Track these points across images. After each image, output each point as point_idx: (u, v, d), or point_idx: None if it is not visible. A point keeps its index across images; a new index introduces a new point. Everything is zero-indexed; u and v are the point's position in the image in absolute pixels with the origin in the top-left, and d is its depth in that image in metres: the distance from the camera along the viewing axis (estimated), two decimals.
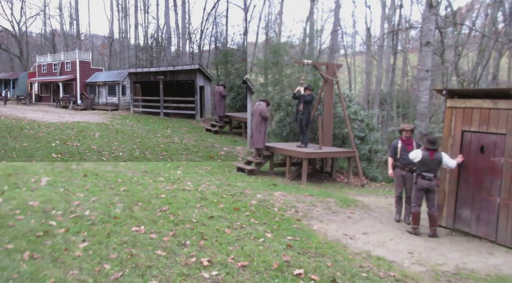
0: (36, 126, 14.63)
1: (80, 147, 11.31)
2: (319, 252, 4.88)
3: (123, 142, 12.29)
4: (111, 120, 17.14)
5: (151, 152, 11.57)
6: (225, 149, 12.76)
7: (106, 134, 13.57)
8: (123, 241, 4.67)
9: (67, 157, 10.45)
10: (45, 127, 14.47)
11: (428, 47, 12.39)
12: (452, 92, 6.67)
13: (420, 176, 6.18)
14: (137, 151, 11.47)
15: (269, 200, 7.41)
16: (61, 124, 15.32)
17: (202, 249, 4.62)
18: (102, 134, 13.37)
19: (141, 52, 25.76)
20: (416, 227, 6.21)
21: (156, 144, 12.33)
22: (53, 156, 10.39)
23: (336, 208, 7.42)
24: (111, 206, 6.08)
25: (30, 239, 4.52)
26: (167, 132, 14.74)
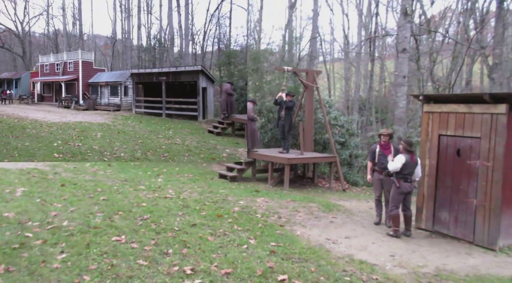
0: (38, 125, 14.57)
1: (82, 147, 11.24)
2: (302, 257, 4.88)
3: (124, 143, 12.21)
4: (113, 121, 17.03)
5: (153, 153, 11.45)
6: (228, 151, 12.68)
7: (108, 134, 13.48)
8: (103, 251, 4.55)
9: (69, 157, 10.36)
10: (47, 126, 14.44)
11: (404, 53, 12.69)
12: (428, 98, 6.84)
13: (403, 179, 6.24)
14: (139, 152, 11.36)
15: (251, 207, 7.39)
16: (63, 124, 15.27)
17: (185, 258, 4.55)
18: (104, 135, 13.28)
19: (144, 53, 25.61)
20: (397, 230, 6.29)
21: (158, 145, 12.24)
22: (55, 156, 10.28)
23: (319, 213, 7.45)
24: (90, 216, 5.93)
25: (5, 252, 4.35)
26: (169, 133, 14.62)
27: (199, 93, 18.57)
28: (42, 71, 26.14)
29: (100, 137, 12.87)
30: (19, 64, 28.75)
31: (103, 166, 10.53)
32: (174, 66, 21.21)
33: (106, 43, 29.25)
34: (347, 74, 26.88)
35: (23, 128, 13.68)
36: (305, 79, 11.67)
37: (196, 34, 24.30)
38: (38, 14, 27.98)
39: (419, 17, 20.47)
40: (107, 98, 23.21)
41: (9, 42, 27.58)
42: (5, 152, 10.23)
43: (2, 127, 13.97)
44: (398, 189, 6.27)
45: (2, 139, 11.71)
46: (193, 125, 17.07)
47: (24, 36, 27.25)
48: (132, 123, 16.62)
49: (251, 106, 10.94)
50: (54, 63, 25.32)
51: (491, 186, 5.82)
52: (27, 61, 27.82)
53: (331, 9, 40.42)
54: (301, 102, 12.18)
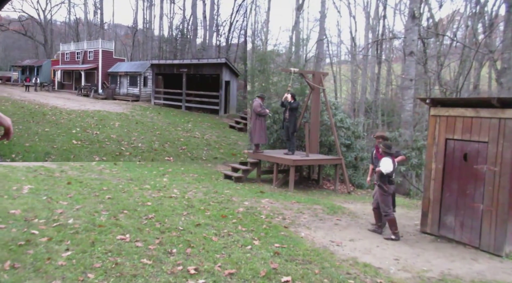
0: (58, 112, 14.72)
1: (99, 136, 11.26)
2: (306, 259, 4.86)
3: (142, 133, 12.15)
4: (131, 111, 16.81)
5: (171, 145, 11.33)
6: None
7: (126, 124, 13.42)
8: (107, 249, 4.57)
9: (87, 144, 10.43)
10: (66, 114, 14.56)
11: (411, 56, 12.63)
12: (435, 101, 6.80)
13: (388, 182, 6.31)
14: (156, 143, 11.29)
15: (256, 208, 7.38)
16: (82, 112, 15.31)
17: (189, 257, 4.55)
18: (122, 124, 13.22)
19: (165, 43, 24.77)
20: (397, 232, 6.27)
21: (176, 138, 12.11)
22: (74, 143, 10.39)
23: (323, 215, 7.43)
24: (95, 214, 5.96)
25: (12, 249, 4.38)
26: (188, 126, 14.40)
27: (221, 86, 17.97)
28: (62, 59, 26.27)
29: (118, 127, 12.81)
30: (41, 52, 29.05)
31: (109, 165, 10.58)
32: (196, 58, 20.73)
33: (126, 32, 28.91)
34: (353, 76, 26.82)
35: (44, 115, 13.90)
36: (311, 81, 11.65)
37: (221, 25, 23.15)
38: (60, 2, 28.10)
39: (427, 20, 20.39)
40: (126, 88, 22.94)
41: (31, 30, 28.00)
42: (26, 136, 10.46)
43: (23, 113, 14.20)
44: (386, 193, 6.31)
45: (23, 124, 11.99)
46: (214, 119, 16.68)
47: (46, 24, 27.38)
48: (150, 114, 16.33)
49: (259, 101, 10.83)
50: (75, 52, 25.35)
51: (498, 191, 5.76)
52: (48, 49, 28.08)
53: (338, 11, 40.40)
54: (307, 103, 12.16)
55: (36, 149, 9.78)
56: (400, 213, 8.44)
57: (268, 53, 18.02)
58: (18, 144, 9.72)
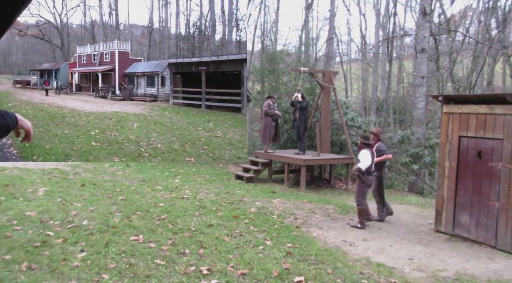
0: (76, 114, 14.91)
1: (118, 137, 11.22)
2: (319, 259, 4.85)
3: (162, 134, 11.95)
4: (150, 111, 16.58)
5: (191, 146, 11.16)
6: None
7: (144, 125, 13.30)
8: (121, 250, 4.62)
9: (106, 145, 10.41)
10: (85, 116, 14.63)
11: (423, 54, 12.48)
12: (448, 98, 6.71)
13: (367, 173, 6.55)
14: (176, 143, 11.15)
15: (268, 208, 7.38)
16: (100, 113, 15.33)
17: (201, 258, 4.58)
18: (140, 125, 13.11)
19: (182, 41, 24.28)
20: (363, 222, 6.58)
21: (196, 138, 11.87)
22: (93, 144, 10.44)
23: (335, 214, 7.39)
24: (109, 215, 6.03)
25: (28, 250, 4.46)
26: (209, 125, 14.08)
27: (243, 83, 16.99)
28: (79, 62, 26.38)
29: (136, 128, 12.69)
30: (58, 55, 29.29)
31: (121, 167, 10.69)
32: (215, 55, 19.85)
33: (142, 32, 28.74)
34: (364, 74, 26.63)
35: (63, 117, 14.06)
36: (321, 80, 11.60)
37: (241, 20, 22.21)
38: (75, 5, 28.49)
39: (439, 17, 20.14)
40: (143, 89, 22.65)
41: (48, 34, 28.54)
42: (46, 138, 10.53)
43: (43, 116, 14.30)
44: (364, 184, 6.55)
45: (44, 126, 12.09)
46: (236, 118, 16.02)
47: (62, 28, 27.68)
48: (169, 114, 15.98)
49: (268, 101, 10.86)
50: (91, 54, 25.31)
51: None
52: (65, 52, 28.38)
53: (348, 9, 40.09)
54: (318, 103, 12.11)
55: (56, 151, 9.91)
56: (413, 212, 8.35)
57: (278, 53, 18.02)
58: (39, 146, 9.83)
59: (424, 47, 12.52)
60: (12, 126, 1.68)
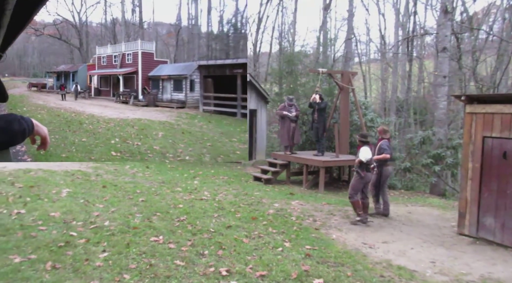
0: (95, 121, 13.82)
1: (141, 147, 10.25)
2: (338, 261, 4.80)
3: (190, 145, 10.73)
4: (177, 119, 15.13)
5: (225, 159, 10.02)
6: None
7: (170, 134, 12.05)
8: (142, 251, 4.69)
9: (127, 156, 9.55)
10: (104, 122, 13.57)
11: (444, 53, 12.23)
12: (471, 98, 6.55)
13: (366, 170, 6.75)
14: (207, 156, 9.92)
15: (286, 209, 7.36)
16: (121, 120, 14.16)
17: (220, 259, 4.60)
18: (166, 134, 11.96)
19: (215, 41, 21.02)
20: (360, 213, 6.76)
21: (231, 150, 10.43)
22: (113, 154, 9.56)
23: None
24: (130, 216, 6.13)
25: (52, 250, 4.58)
26: (246, 137, 12.49)
27: None
28: (99, 64, 24.14)
29: (161, 137, 11.52)
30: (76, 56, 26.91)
31: (141, 168, 10.86)
32: None
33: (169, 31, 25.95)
34: (383, 75, 26.27)
35: (80, 123, 13.11)
36: (340, 81, 11.51)
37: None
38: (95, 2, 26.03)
39: (461, 15, 19.69)
40: (169, 94, 20.42)
41: (66, 34, 26.13)
42: (62, 146, 9.87)
43: (59, 122, 13.34)
44: (361, 179, 6.74)
45: (60, 133, 11.28)
46: None
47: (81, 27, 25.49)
48: (199, 122, 14.47)
49: (283, 104, 10.95)
50: (112, 55, 23.02)
51: None
52: (83, 53, 26.14)
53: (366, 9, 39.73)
54: (336, 104, 12.02)
55: (73, 160, 9.25)
56: (435, 214, 8.18)
57: (296, 54, 17.95)
58: (54, 154, 9.14)
59: (445, 46, 12.26)
60: (28, 132, 1.55)
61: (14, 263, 4.15)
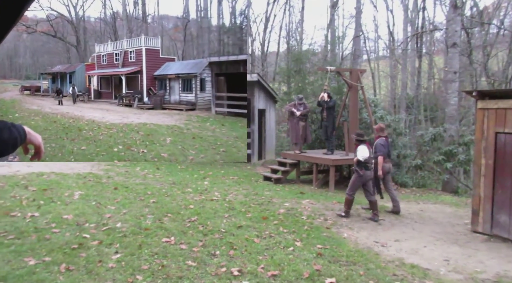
0: (95, 127, 12.88)
1: (147, 154, 9.67)
2: (350, 260, 4.78)
3: (202, 151, 10.06)
4: (186, 123, 14.08)
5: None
6: None
7: (179, 139, 11.23)
8: (154, 252, 4.72)
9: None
10: (106, 128, 12.59)
11: (454, 48, 12.09)
12: (483, 93, 6.46)
13: (365, 168, 6.87)
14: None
15: (297, 209, 7.35)
16: (125, 125, 13.24)
17: (232, 259, 4.61)
18: (174, 140, 11.16)
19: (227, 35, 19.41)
20: (347, 211, 7.01)
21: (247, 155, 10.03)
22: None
23: (366, 215, 7.28)
24: (141, 218, 6.18)
25: (66, 252, 4.64)
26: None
27: None
28: (98, 63, 22.09)
29: (170, 143, 10.81)
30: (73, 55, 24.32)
31: (152, 170, 10.93)
32: None
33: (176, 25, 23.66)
34: (393, 72, 26.04)
35: (79, 130, 12.22)
36: (348, 79, 11.44)
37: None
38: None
39: (470, 9, 19.44)
40: (177, 95, 18.89)
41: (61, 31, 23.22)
42: (60, 156, 9.28)
43: (56, 128, 12.38)
44: (360, 178, 6.90)
45: (56, 141, 10.53)
46: None
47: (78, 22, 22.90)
48: (211, 126, 13.47)
49: (292, 102, 11.01)
50: (113, 53, 21.13)
51: None
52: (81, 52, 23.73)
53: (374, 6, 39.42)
54: (345, 102, 11.95)
55: None
56: (448, 211, 8.09)
57: (304, 53, 17.91)
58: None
59: (455, 41, 12.12)
60: (20, 140, 1.41)
61: (29, 265, 4.22)
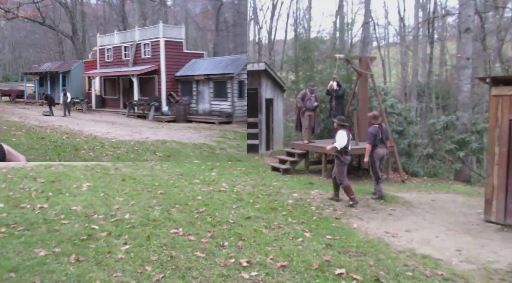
0: (98, 145, 10.16)
1: None
2: (360, 251, 4.78)
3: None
4: (219, 141, 11.19)
5: None
6: None
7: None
8: (162, 243, 4.77)
9: None
10: (111, 147, 10.01)
11: (467, 33, 11.87)
12: (497, 80, 6.35)
13: (345, 153, 7.15)
14: None
15: (306, 199, 7.36)
16: (137, 143, 10.49)
17: (240, 250, 4.64)
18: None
19: None
20: (352, 197, 7.12)
21: None
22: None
23: (376, 205, 7.27)
24: (149, 209, 6.24)
25: (75, 243, 4.71)
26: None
27: None
28: (102, 60, 17.20)
29: None
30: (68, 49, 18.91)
31: (159, 162, 10.99)
32: None
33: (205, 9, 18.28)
34: (403, 59, 25.69)
35: (76, 149, 9.67)
36: (358, 66, 11.32)
37: None
38: None
39: None
40: (208, 103, 14.92)
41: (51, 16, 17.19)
42: None
43: (45, 147, 9.80)
44: (341, 163, 7.17)
45: None
46: None
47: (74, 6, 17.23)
48: None
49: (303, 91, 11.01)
50: (121, 46, 16.40)
51: None
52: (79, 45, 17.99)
53: None
54: (355, 90, 11.85)
55: None
56: (460, 201, 8.03)
57: (312, 41, 17.74)
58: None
59: (469, 26, 11.89)
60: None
61: (40, 256, 4.29)
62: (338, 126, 7.29)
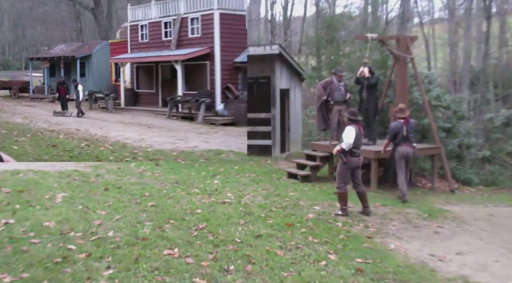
0: (128, 156, 10.13)
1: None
2: (399, 278, 4.76)
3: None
4: None
5: None
6: None
7: None
8: (154, 267, 4.78)
9: None
10: (146, 159, 10.09)
11: None
12: None
13: (350, 154, 7.09)
14: None
15: (330, 213, 7.36)
16: (181, 154, 10.24)
17: (249, 276, 4.64)
18: None
19: None
20: (345, 208, 7.17)
21: None
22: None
23: (418, 221, 7.23)
24: (138, 225, 6.26)
25: (48, 267, 4.74)
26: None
27: None
28: (134, 41, 16.25)
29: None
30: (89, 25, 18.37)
31: (150, 166, 11.04)
32: None
33: None
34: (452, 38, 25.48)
35: (98, 161, 9.86)
36: (395, 49, 11.26)
37: None
38: None
39: None
40: None
41: None
42: None
43: (57, 157, 9.75)
44: (345, 165, 7.16)
45: None
46: None
47: None
48: None
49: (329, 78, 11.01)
50: (160, 22, 15.42)
51: None
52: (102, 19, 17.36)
53: None
54: (391, 78, 11.79)
55: None
56: None
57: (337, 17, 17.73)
58: None
59: None
60: None
61: None
62: (348, 120, 7.35)
